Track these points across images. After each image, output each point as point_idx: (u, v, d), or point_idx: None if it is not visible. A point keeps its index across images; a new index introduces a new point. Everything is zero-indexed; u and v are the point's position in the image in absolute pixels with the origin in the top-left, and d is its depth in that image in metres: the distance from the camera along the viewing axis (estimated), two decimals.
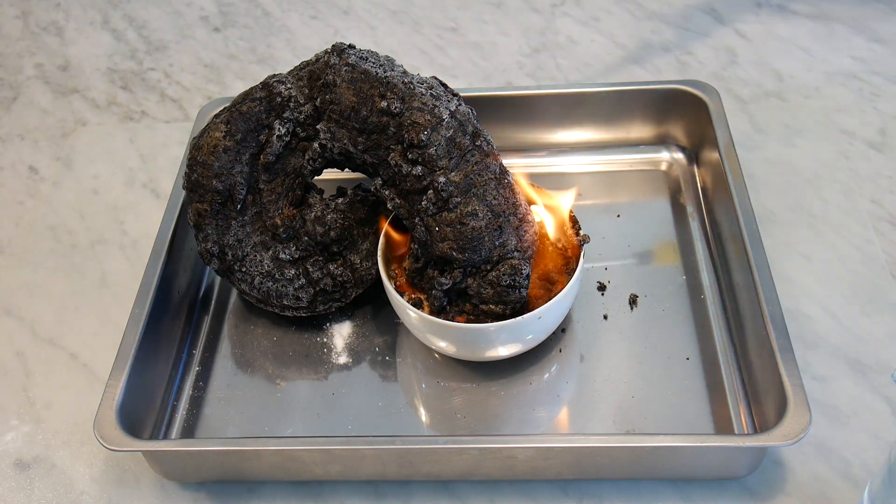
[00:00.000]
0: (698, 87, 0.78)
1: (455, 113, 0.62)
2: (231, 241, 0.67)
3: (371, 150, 0.64)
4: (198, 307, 0.73)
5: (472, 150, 0.62)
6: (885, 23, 0.96)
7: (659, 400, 0.64)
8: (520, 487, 0.61)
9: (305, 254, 0.67)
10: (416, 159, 0.61)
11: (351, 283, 0.68)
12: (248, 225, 0.67)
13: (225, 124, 0.66)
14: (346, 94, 0.63)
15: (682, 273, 0.72)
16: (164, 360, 0.67)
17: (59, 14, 1.09)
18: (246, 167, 0.66)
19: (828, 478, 0.60)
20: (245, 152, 0.66)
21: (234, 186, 0.65)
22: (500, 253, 0.61)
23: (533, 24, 1.01)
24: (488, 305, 0.62)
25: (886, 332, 0.67)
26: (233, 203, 0.66)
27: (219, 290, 0.74)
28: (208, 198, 0.66)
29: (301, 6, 1.06)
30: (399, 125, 0.62)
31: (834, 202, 0.77)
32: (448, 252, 0.61)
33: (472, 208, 0.60)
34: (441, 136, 0.61)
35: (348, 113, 0.63)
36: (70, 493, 0.63)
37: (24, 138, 0.93)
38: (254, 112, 0.65)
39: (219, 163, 0.65)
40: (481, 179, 0.61)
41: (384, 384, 0.67)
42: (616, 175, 0.81)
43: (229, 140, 0.65)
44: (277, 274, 0.67)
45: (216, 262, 0.67)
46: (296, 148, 0.66)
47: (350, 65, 0.64)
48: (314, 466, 0.60)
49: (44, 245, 0.80)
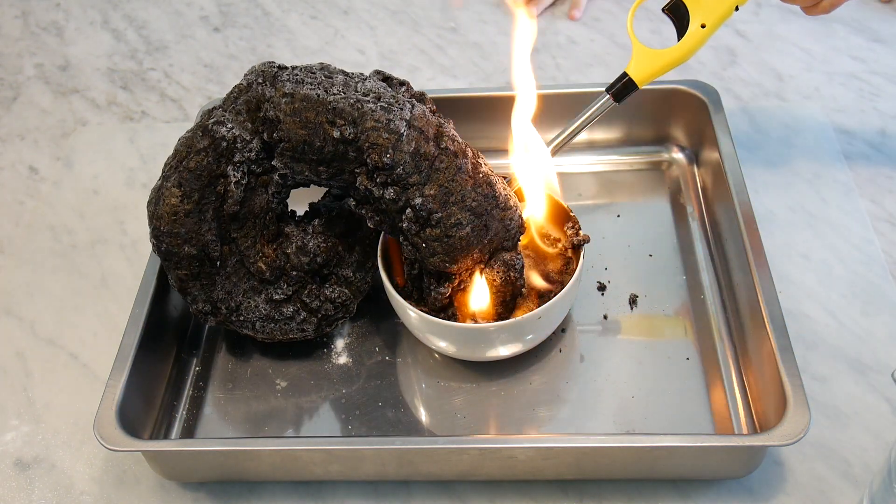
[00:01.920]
0: (698, 87, 0.78)
1: (412, 121, 0.59)
2: (221, 295, 0.64)
3: (336, 176, 0.61)
4: None
5: (440, 155, 0.59)
6: (885, 23, 0.96)
7: (659, 400, 0.64)
8: (520, 487, 0.61)
9: (298, 286, 0.65)
10: (385, 182, 0.58)
11: (350, 299, 0.67)
12: (233, 275, 0.64)
13: (178, 188, 0.61)
14: (294, 128, 0.59)
15: (682, 273, 0.72)
16: (164, 360, 0.67)
17: (59, 14, 1.09)
18: (213, 223, 0.62)
19: (828, 478, 0.60)
20: (207, 209, 0.62)
21: (207, 245, 0.62)
22: (490, 249, 0.61)
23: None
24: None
25: (886, 332, 0.67)
26: (210, 262, 0.63)
27: None
28: (185, 264, 0.63)
29: (301, 6, 1.06)
30: (358, 150, 0.58)
31: (834, 202, 0.77)
32: (441, 265, 0.60)
33: (455, 219, 0.58)
34: (404, 154, 0.57)
35: (301, 147, 0.60)
36: (70, 493, 0.63)
37: (24, 138, 0.93)
38: (203, 166, 0.61)
39: (184, 228, 0.61)
40: (456, 185, 0.58)
41: (384, 384, 0.67)
42: (616, 175, 0.81)
43: (188, 203, 0.61)
44: (276, 315, 0.65)
45: (212, 319, 0.65)
46: (256, 186, 0.63)
47: (287, 94, 0.59)
48: (314, 466, 0.60)
49: (44, 245, 0.80)
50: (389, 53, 0.99)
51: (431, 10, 1.04)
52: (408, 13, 1.04)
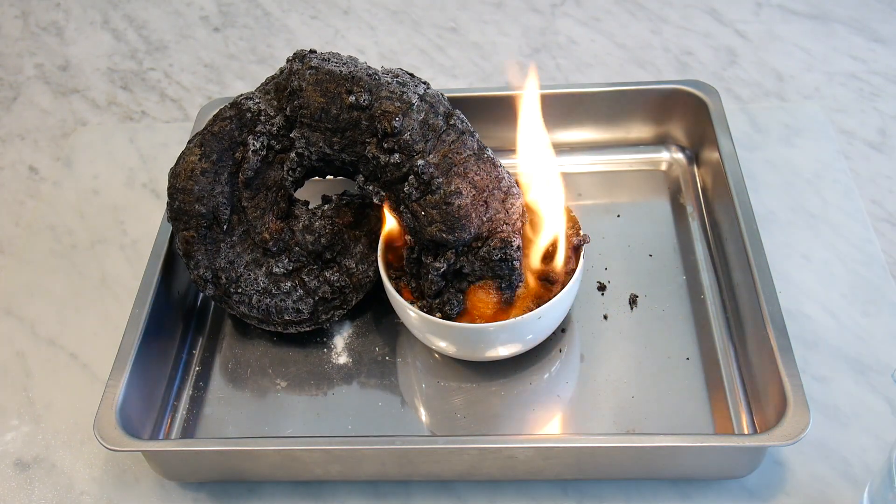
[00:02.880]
0: (698, 87, 0.78)
1: (424, 96, 0.63)
2: (223, 263, 0.66)
3: (347, 148, 0.64)
4: (198, 307, 0.73)
5: (447, 129, 0.62)
6: (885, 23, 0.96)
7: (659, 400, 0.64)
8: (520, 487, 0.61)
9: (299, 265, 0.67)
10: (392, 148, 0.61)
11: (350, 288, 0.67)
12: (238, 245, 0.66)
13: (199, 147, 0.65)
14: (314, 96, 0.63)
15: (682, 273, 0.72)
16: (164, 360, 0.67)
17: (59, 14, 1.09)
18: (226, 187, 0.65)
19: (828, 478, 0.60)
20: (223, 172, 0.65)
21: (218, 207, 0.65)
22: (489, 228, 0.61)
23: (533, 24, 1.01)
24: (485, 282, 0.62)
25: (886, 332, 0.67)
26: (218, 225, 0.65)
27: None
28: (193, 223, 0.65)
29: (301, 6, 1.06)
30: (370, 117, 0.62)
31: (834, 202, 0.77)
32: (438, 234, 0.60)
33: (455, 187, 0.60)
34: (413, 121, 0.61)
35: (319, 115, 0.63)
36: (70, 493, 0.63)
37: (24, 138, 0.93)
38: (226, 131, 0.65)
39: (198, 186, 0.64)
40: (460, 157, 0.61)
41: (384, 384, 0.67)
42: (616, 175, 0.81)
43: (205, 162, 0.64)
44: (274, 289, 0.66)
45: (211, 288, 0.66)
46: (273, 161, 0.66)
47: (313, 68, 0.64)
48: (314, 466, 0.60)
49: (44, 245, 0.80)
50: (389, 53, 0.99)
51: (431, 10, 1.04)
52: (408, 13, 1.04)
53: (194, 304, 0.73)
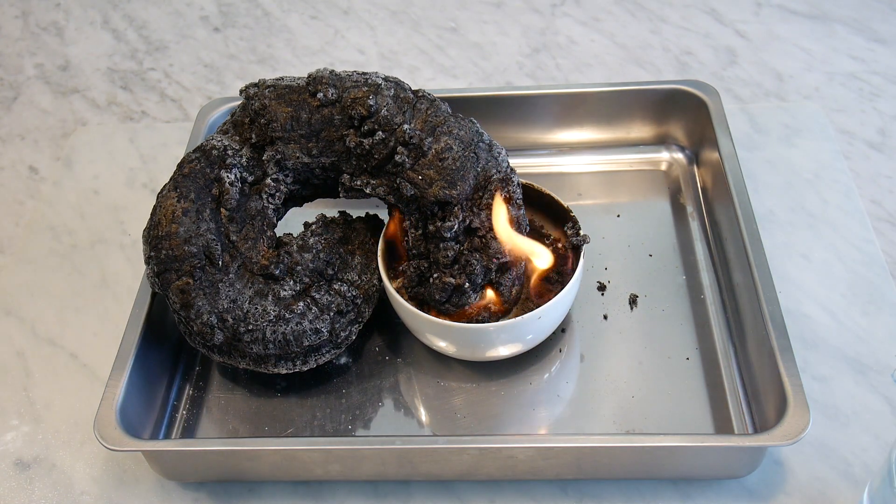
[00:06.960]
0: (698, 87, 0.78)
1: (388, 78, 0.65)
2: (226, 304, 0.62)
3: (326, 150, 0.65)
4: None
5: (419, 100, 0.65)
6: (885, 23, 0.96)
7: (659, 400, 0.64)
8: (520, 487, 0.61)
9: (305, 285, 0.64)
10: (372, 129, 0.63)
11: (361, 298, 0.65)
12: (237, 282, 0.63)
13: (174, 190, 0.64)
14: (280, 108, 0.64)
15: (682, 273, 0.72)
16: (164, 360, 0.67)
17: (59, 14, 1.09)
18: (211, 223, 0.63)
19: (828, 478, 0.60)
20: (204, 209, 0.63)
21: (209, 245, 0.62)
22: (484, 177, 0.63)
23: (533, 24, 1.01)
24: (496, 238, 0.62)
25: (886, 332, 0.67)
26: (213, 264, 0.62)
27: None
28: (186, 267, 0.62)
29: (301, 6, 1.06)
30: (342, 109, 0.64)
31: (834, 202, 0.77)
32: (441, 193, 0.62)
33: (444, 143, 0.63)
34: (386, 97, 0.63)
35: (290, 124, 0.64)
36: (70, 493, 0.63)
37: (24, 138, 0.93)
38: (196, 170, 0.64)
39: (183, 227, 0.62)
40: (440, 119, 0.64)
41: (384, 384, 0.67)
42: (616, 175, 0.81)
43: (185, 202, 0.63)
44: (287, 314, 0.62)
45: (219, 333, 0.62)
46: (250, 193, 0.65)
47: (270, 86, 0.65)
48: (314, 466, 0.60)
49: (44, 245, 0.80)
50: (389, 53, 0.99)
51: (431, 10, 1.04)
52: (408, 13, 1.04)
53: None
